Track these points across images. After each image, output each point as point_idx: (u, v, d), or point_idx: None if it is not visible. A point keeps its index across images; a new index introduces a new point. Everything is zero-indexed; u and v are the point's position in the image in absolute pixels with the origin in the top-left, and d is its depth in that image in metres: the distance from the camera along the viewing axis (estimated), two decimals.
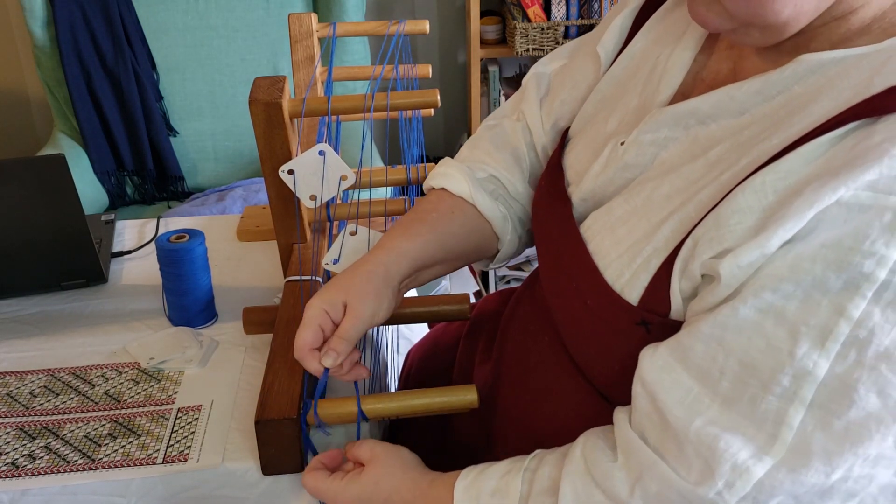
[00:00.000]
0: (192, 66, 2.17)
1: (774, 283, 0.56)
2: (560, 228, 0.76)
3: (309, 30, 1.18)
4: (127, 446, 0.85)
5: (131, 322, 1.06)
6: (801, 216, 0.54)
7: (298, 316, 0.92)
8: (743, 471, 0.56)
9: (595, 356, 0.72)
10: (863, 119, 0.56)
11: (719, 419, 0.57)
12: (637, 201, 0.69)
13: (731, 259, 0.57)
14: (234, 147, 2.22)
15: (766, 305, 0.56)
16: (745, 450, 0.56)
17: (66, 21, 2.05)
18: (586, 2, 2.27)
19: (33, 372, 0.96)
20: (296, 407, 0.79)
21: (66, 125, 2.18)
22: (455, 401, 0.83)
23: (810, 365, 0.54)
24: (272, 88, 0.93)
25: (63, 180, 1.00)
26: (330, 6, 2.18)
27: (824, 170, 0.55)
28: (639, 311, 0.65)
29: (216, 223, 1.32)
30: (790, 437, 0.55)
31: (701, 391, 0.59)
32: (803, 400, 0.55)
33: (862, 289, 0.53)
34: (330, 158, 0.91)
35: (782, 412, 0.55)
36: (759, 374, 0.56)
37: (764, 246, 0.56)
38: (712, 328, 0.58)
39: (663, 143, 0.70)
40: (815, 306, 0.54)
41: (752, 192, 0.58)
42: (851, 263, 0.53)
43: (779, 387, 0.55)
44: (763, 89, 0.64)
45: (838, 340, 0.54)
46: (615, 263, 0.67)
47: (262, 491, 0.80)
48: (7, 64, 2.56)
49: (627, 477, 0.62)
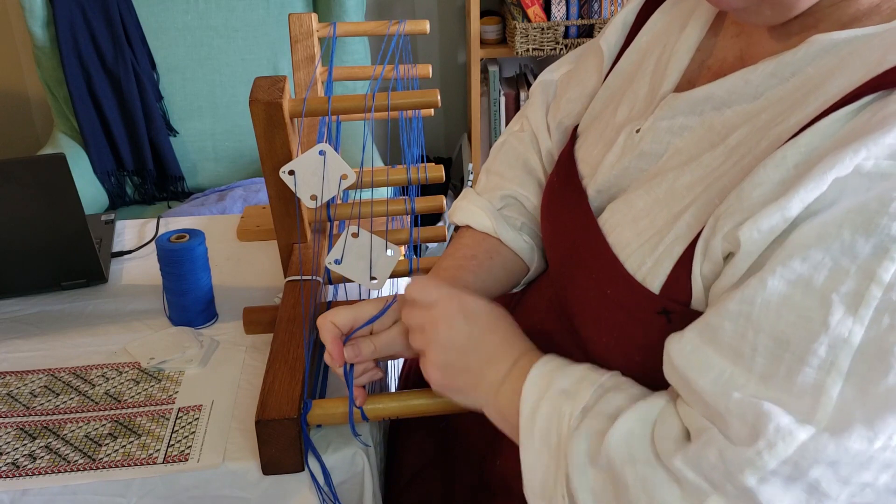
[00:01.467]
0: (192, 66, 2.17)
1: (803, 252, 0.55)
2: (576, 221, 0.75)
3: (309, 30, 1.18)
4: (127, 446, 0.85)
5: (131, 322, 1.06)
6: (822, 178, 0.54)
7: (298, 316, 0.92)
8: (786, 433, 0.54)
9: (615, 347, 0.71)
10: (878, 92, 0.56)
11: (758, 393, 0.56)
12: (658, 193, 0.69)
13: (750, 224, 0.57)
14: (234, 147, 2.22)
15: (795, 276, 0.55)
16: (789, 416, 0.55)
17: (66, 21, 2.05)
18: (586, 2, 2.27)
19: (34, 372, 0.96)
20: (296, 407, 0.79)
21: (66, 125, 2.18)
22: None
23: (845, 333, 0.53)
24: (272, 88, 0.93)
25: (63, 180, 1.00)
26: (330, 6, 2.18)
27: (843, 140, 0.55)
28: (661, 299, 0.65)
29: (216, 223, 1.32)
30: (830, 407, 0.54)
31: (734, 370, 0.58)
32: (840, 369, 0.54)
33: (891, 251, 0.52)
34: (330, 158, 0.91)
35: (820, 382, 0.54)
36: (794, 346, 0.55)
37: (784, 208, 0.55)
38: (740, 304, 0.57)
39: (678, 130, 0.70)
40: (844, 273, 0.54)
41: (773, 167, 0.58)
42: (879, 226, 0.53)
43: (815, 357, 0.54)
44: (777, 71, 0.64)
45: (871, 306, 0.53)
46: (637, 253, 0.67)
47: (263, 491, 0.80)
48: (7, 64, 2.56)
49: (681, 429, 0.60)
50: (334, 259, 0.94)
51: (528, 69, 2.51)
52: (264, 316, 0.99)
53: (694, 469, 0.57)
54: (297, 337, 0.89)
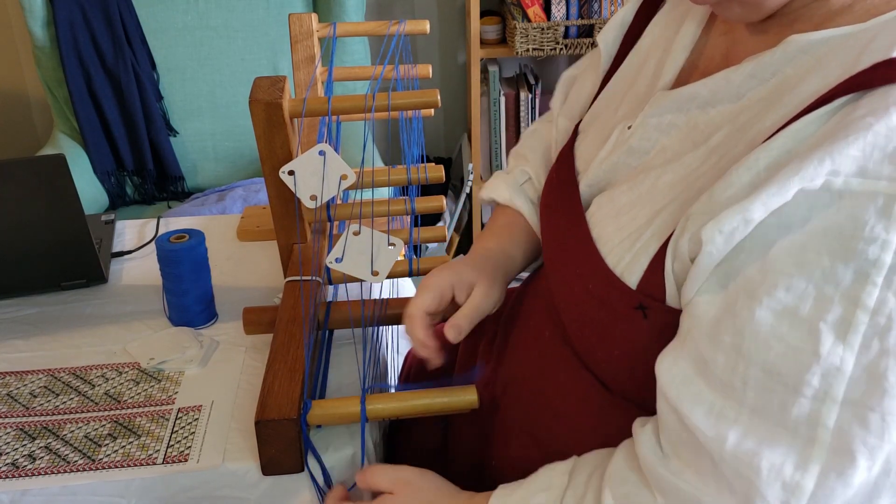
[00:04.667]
0: (192, 66, 2.16)
1: (786, 280, 0.55)
2: (567, 216, 0.76)
3: (309, 30, 1.17)
4: (127, 446, 0.85)
5: (131, 322, 1.06)
6: (785, 184, 0.54)
7: (298, 316, 0.92)
8: (794, 487, 0.54)
9: (596, 342, 0.71)
10: (850, 94, 0.56)
11: (751, 431, 0.56)
12: (641, 189, 0.69)
13: (712, 225, 0.57)
14: (234, 147, 2.22)
15: (781, 307, 0.55)
16: (788, 462, 0.54)
17: (66, 21, 2.05)
18: (586, 2, 2.27)
19: (33, 372, 0.96)
20: (296, 407, 0.79)
21: (66, 125, 2.18)
22: (455, 401, 0.83)
23: (837, 361, 0.53)
24: (272, 88, 0.93)
25: (63, 180, 1.00)
26: (330, 6, 2.18)
27: (812, 145, 0.55)
28: (637, 294, 0.65)
29: (216, 223, 1.32)
30: (828, 438, 0.54)
31: (725, 404, 0.57)
32: (835, 398, 0.53)
33: (871, 276, 0.53)
34: (330, 158, 0.91)
35: (815, 413, 0.54)
36: (785, 378, 0.55)
37: (746, 210, 0.55)
38: (732, 336, 0.57)
39: (666, 128, 0.71)
40: (828, 301, 0.54)
41: (745, 169, 0.58)
42: (856, 251, 0.53)
43: (809, 388, 0.54)
44: (756, 72, 0.64)
45: (859, 332, 0.53)
46: (618, 248, 0.68)
47: (263, 491, 0.80)
48: (7, 64, 2.56)
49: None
50: (335, 258, 0.94)
51: (528, 69, 2.51)
52: (264, 316, 0.99)
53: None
54: (297, 337, 0.89)
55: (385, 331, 1.11)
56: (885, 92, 0.54)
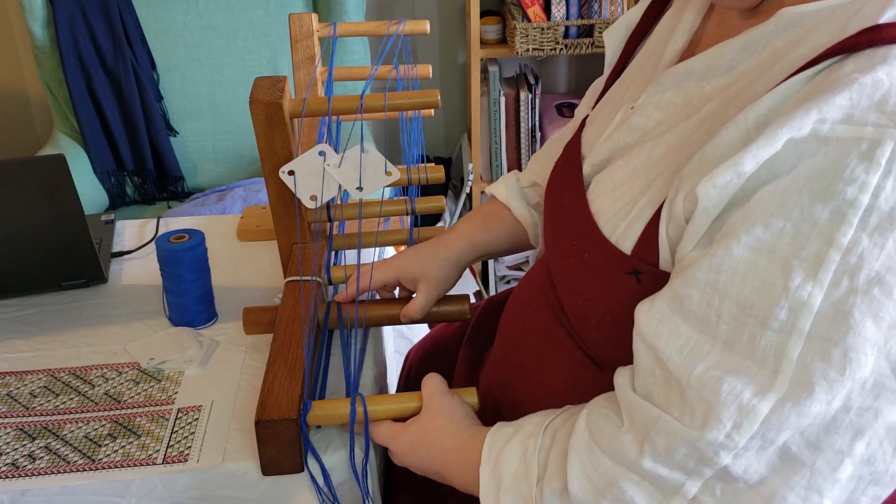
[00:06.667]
0: (192, 66, 2.16)
1: (766, 219, 0.56)
2: (570, 196, 0.78)
3: (309, 30, 1.18)
4: (127, 447, 0.85)
5: (131, 322, 1.06)
6: (774, 136, 0.56)
7: (298, 316, 0.92)
8: (749, 410, 0.56)
9: (588, 311, 0.72)
10: (837, 56, 0.58)
11: (720, 362, 0.58)
12: (637, 163, 0.71)
13: (706, 181, 0.58)
14: (234, 147, 2.22)
15: (758, 243, 0.57)
16: (749, 389, 0.56)
17: (66, 21, 2.05)
18: (586, 2, 2.27)
19: (33, 372, 0.96)
20: (296, 407, 0.79)
21: (66, 125, 2.18)
22: None
23: (805, 296, 0.55)
24: (272, 88, 0.93)
25: (63, 180, 1.00)
26: (330, 6, 2.18)
27: (798, 101, 0.57)
28: (631, 259, 0.67)
29: (216, 223, 1.32)
30: (791, 369, 0.55)
31: (700, 338, 0.59)
32: (801, 332, 0.55)
33: (848, 216, 0.54)
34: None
35: (781, 345, 0.55)
36: (756, 311, 0.56)
37: (738, 163, 0.57)
38: (707, 273, 0.59)
39: (664, 105, 0.72)
40: (804, 239, 0.55)
41: (734, 128, 0.59)
42: (835, 192, 0.54)
43: (776, 321, 0.56)
44: (748, 45, 0.66)
45: (830, 269, 0.54)
46: (613, 218, 0.69)
47: (263, 491, 0.80)
48: (7, 64, 2.56)
49: (634, 438, 0.62)
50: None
51: (528, 69, 2.51)
52: (264, 316, 0.99)
53: (667, 465, 0.59)
54: (297, 337, 0.89)
55: (385, 331, 1.11)
56: (870, 53, 0.56)
